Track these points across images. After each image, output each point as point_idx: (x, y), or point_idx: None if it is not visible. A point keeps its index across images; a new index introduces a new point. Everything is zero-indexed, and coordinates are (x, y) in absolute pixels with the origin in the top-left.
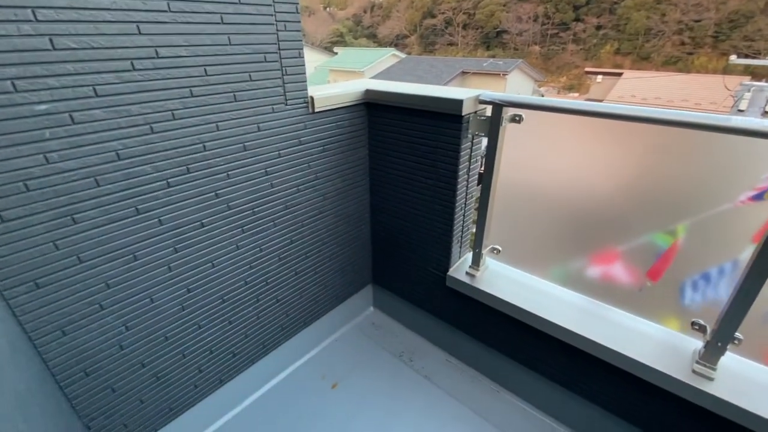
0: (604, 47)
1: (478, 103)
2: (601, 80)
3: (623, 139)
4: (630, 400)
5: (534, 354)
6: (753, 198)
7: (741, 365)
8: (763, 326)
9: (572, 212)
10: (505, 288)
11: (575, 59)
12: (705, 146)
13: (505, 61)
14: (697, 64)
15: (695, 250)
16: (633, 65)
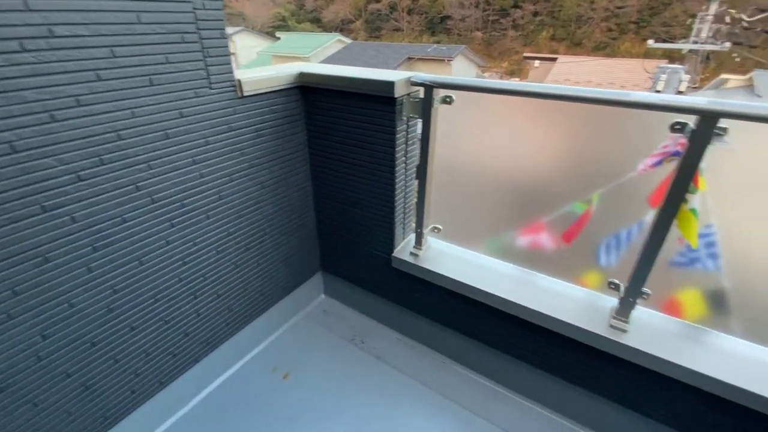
0: (540, 33)
1: (411, 85)
2: (538, 65)
3: (548, 118)
4: (558, 356)
5: (475, 324)
6: (653, 165)
7: (650, 317)
8: (666, 279)
9: (504, 188)
10: (446, 265)
11: (515, 45)
12: (615, 122)
13: (449, 47)
14: (623, 49)
15: (607, 216)
16: (567, 51)
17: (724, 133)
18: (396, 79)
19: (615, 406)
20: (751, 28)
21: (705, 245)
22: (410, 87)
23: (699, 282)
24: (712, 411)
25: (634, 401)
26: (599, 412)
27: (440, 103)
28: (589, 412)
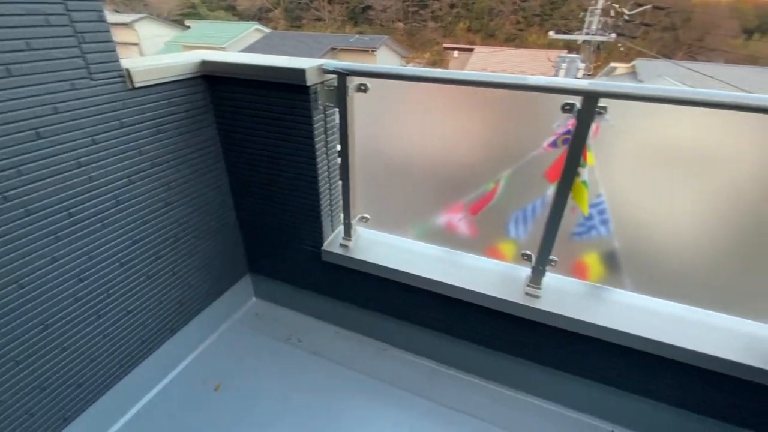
0: (458, 25)
1: (324, 72)
2: (457, 55)
3: (461, 104)
4: (484, 327)
5: (409, 307)
6: (551, 145)
7: (559, 282)
8: (570, 246)
9: (426, 174)
10: (377, 253)
11: (435, 36)
12: (519, 106)
13: (372, 37)
14: (530, 40)
15: (516, 192)
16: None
17: (604, 112)
18: (307, 67)
19: (539, 367)
20: (632, 21)
21: (597, 213)
22: (323, 75)
23: (596, 246)
24: (616, 358)
25: (554, 360)
26: (526, 374)
27: (355, 91)
28: (516, 375)
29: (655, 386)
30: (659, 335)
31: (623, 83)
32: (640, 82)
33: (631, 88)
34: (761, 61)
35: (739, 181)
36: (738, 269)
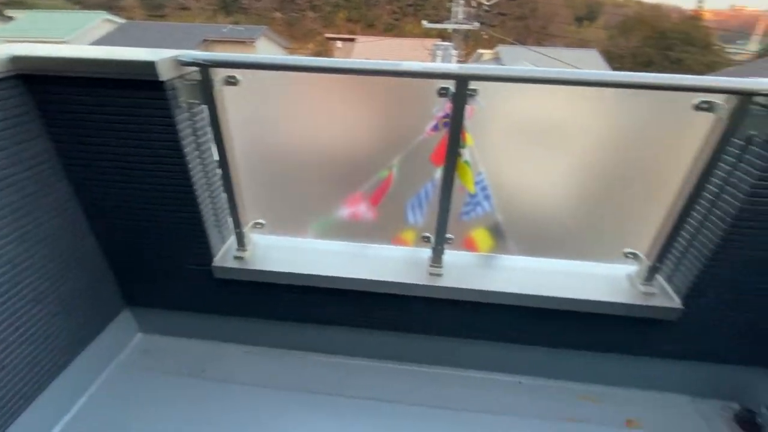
0: (337, 15)
1: (181, 65)
2: (341, 45)
3: (347, 93)
4: (397, 313)
5: (321, 309)
6: (433, 129)
7: (457, 257)
8: (462, 224)
9: (320, 167)
10: (277, 259)
11: (316, 26)
12: (402, 92)
13: (247, 27)
14: (407, 29)
15: (409, 178)
16: (363, 31)
17: (475, 94)
18: (157, 59)
19: (452, 339)
20: (490, 10)
21: (480, 189)
22: (182, 68)
23: (483, 221)
24: (514, 317)
25: (463, 329)
26: (442, 349)
27: (224, 85)
28: (434, 351)
29: (547, 335)
30: (542, 290)
31: (489, 66)
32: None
33: (496, 70)
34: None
35: (587, 146)
36: (593, 222)
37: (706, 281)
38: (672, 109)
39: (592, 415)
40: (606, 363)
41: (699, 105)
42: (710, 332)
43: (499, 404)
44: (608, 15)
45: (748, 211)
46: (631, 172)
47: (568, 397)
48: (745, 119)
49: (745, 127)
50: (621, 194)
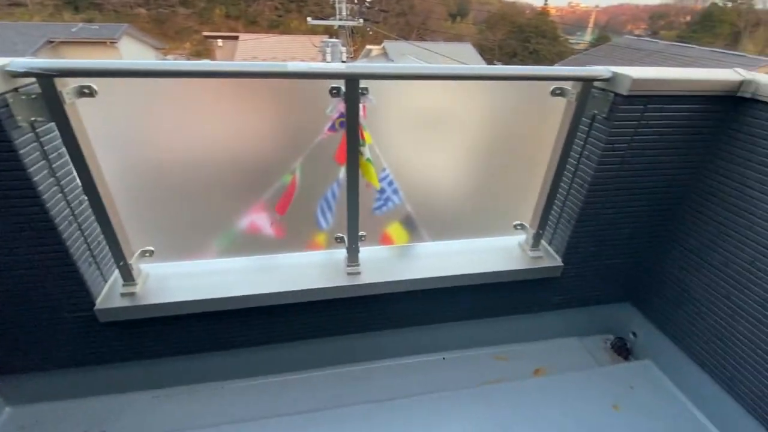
0: (214, 11)
1: (13, 77)
2: (222, 44)
3: (234, 97)
4: (319, 319)
5: (234, 333)
6: (330, 129)
7: (373, 253)
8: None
9: (213, 179)
10: (177, 288)
11: (192, 23)
12: (296, 92)
13: (104, 26)
14: (293, 26)
15: (315, 180)
16: (245, 28)
17: (367, 92)
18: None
19: (378, 332)
20: (372, 7)
21: (387, 184)
22: (15, 80)
23: (396, 215)
24: (433, 299)
25: (388, 321)
26: (370, 344)
27: (77, 97)
28: (361, 348)
29: (462, 309)
30: (452, 270)
31: (375, 64)
32: (391, 61)
33: (385, 68)
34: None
35: (473, 132)
36: (487, 201)
37: (576, 239)
38: (535, 95)
39: (506, 372)
40: (512, 323)
41: (553, 91)
42: (586, 281)
43: (428, 383)
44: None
45: (599, 177)
46: (511, 153)
47: (486, 361)
48: (588, 101)
49: (590, 108)
50: (506, 174)
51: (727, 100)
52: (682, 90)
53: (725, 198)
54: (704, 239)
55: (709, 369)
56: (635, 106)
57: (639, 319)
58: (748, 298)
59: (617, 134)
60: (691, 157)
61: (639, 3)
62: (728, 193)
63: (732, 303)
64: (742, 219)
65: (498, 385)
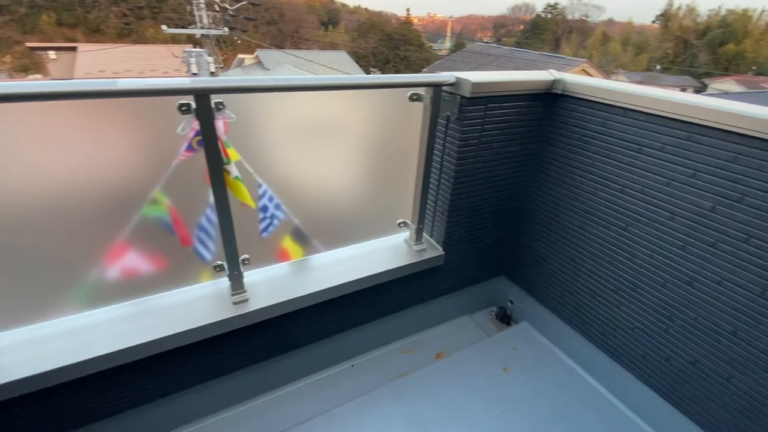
0: (40, 17)
1: None
2: (56, 57)
3: (64, 122)
4: (205, 361)
5: (101, 400)
6: (188, 150)
7: (261, 275)
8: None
9: (52, 222)
10: (17, 363)
11: (11, 32)
12: (141, 112)
13: None
14: (149, 35)
15: (183, 209)
16: (87, 38)
17: (223, 107)
18: None
19: (276, 359)
20: (237, 15)
21: (268, 200)
22: None
23: (286, 229)
24: (334, 308)
25: (291, 341)
26: (270, 373)
27: None
28: (263, 379)
29: (362, 313)
30: (346, 277)
31: (227, 77)
32: (267, 70)
33: (236, 82)
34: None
35: (351, 138)
36: (372, 204)
37: (452, 228)
38: (400, 101)
39: (412, 363)
40: (411, 316)
41: (411, 96)
42: (466, 263)
43: (341, 394)
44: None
45: (460, 170)
46: (388, 155)
47: (393, 357)
48: (441, 103)
49: (443, 110)
50: (385, 175)
51: (546, 95)
52: (512, 90)
53: (556, 177)
54: (547, 213)
55: (567, 318)
56: (478, 106)
57: (513, 288)
58: (584, 257)
59: (468, 131)
60: (528, 145)
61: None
62: (558, 173)
63: (574, 262)
64: (571, 193)
65: (406, 377)
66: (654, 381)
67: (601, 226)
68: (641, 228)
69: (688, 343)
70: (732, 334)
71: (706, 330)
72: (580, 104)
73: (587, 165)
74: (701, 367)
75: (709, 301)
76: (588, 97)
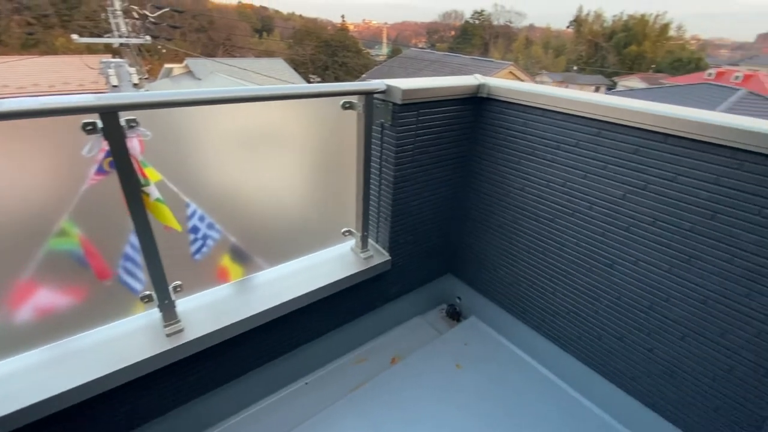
0: None
1: None
2: None
3: None
4: (138, 403)
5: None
6: (99, 173)
7: (197, 301)
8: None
9: None
10: None
11: None
12: (39, 133)
13: None
14: (58, 45)
15: (102, 238)
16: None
17: (136, 125)
18: None
19: (220, 389)
20: (159, 23)
21: (199, 220)
22: None
23: (221, 248)
24: (275, 331)
25: (231, 373)
26: (215, 407)
27: None
28: (207, 415)
29: (313, 328)
30: (293, 293)
31: (137, 93)
32: (198, 80)
33: (147, 97)
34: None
35: (291, 149)
36: (316, 215)
37: (396, 232)
38: (335, 109)
39: (369, 371)
40: (363, 324)
41: (344, 105)
42: (413, 265)
43: (296, 415)
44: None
45: (399, 175)
46: (327, 164)
47: (347, 368)
48: (374, 111)
49: (377, 117)
50: (326, 184)
51: (473, 99)
52: (441, 95)
53: (488, 175)
54: (483, 210)
55: (510, 309)
56: (411, 112)
57: (459, 284)
58: (520, 249)
59: (403, 137)
60: (461, 147)
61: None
62: (489, 172)
63: (512, 255)
64: (502, 190)
65: (363, 387)
66: (590, 359)
67: (532, 219)
68: (566, 219)
69: (614, 320)
70: (649, 308)
71: (628, 307)
72: (503, 106)
73: (514, 163)
74: (627, 342)
75: (628, 280)
76: (510, 100)
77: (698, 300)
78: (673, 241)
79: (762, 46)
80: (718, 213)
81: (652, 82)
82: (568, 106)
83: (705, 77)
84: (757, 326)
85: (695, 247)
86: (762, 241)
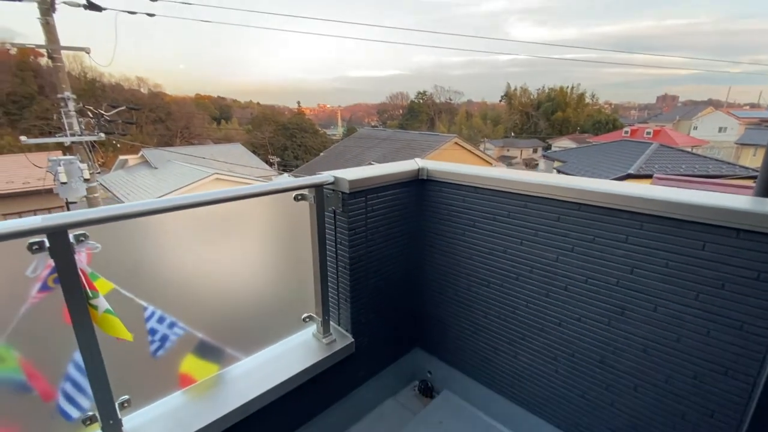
0: None
1: None
2: None
3: None
4: None
5: None
6: (42, 290)
7: (147, 414)
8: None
9: None
10: None
11: None
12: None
13: None
14: (4, 143)
15: (42, 360)
16: None
17: (86, 238)
18: None
19: None
20: (114, 120)
21: (158, 322)
22: None
23: (185, 348)
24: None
25: None
26: None
27: None
28: None
29: (283, 424)
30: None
31: (87, 210)
32: (155, 168)
33: (99, 212)
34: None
35: (255, 241)
36: (277, 304)
37: (357, 312)
38: (289, 200)
39: None
40: (332, 416)
41: (296, 197)
42: (378, 344)
43: None
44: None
45: (354, 256)
46: (287, 252)
47: None
48: (324, 200)
49: (328, 205)
50: (286, 271)
51: (415, 181)
52: (386, 181)
53: (439, 248)
54: (440, 281)
55: (478, 377)
56: (359, 198)
57: (428, 357)
58: (478, 316)
59: (355, 221)
60: (410, 224)
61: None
62: (439, 244)
63: (472, 322)
64: (452, 260)
65: None
66: (560, 420)
67: (483, 285)
68: (513, 282)
69: (574, 378)
70: (600, 362)
71: (582, 363)
72: (442, 186)
73: (459, 234)
74: (589, 398)
75: (577, 336)
76: (447, 180)
77: (639, 349)
78: (605, 296)
79: (662, 106)
80: (635, 267)
81: (580, 142)
82: (496, 184)
83: (623, 135)
84: (693, 369)
85: (624, 300)
86: (674, 289)
